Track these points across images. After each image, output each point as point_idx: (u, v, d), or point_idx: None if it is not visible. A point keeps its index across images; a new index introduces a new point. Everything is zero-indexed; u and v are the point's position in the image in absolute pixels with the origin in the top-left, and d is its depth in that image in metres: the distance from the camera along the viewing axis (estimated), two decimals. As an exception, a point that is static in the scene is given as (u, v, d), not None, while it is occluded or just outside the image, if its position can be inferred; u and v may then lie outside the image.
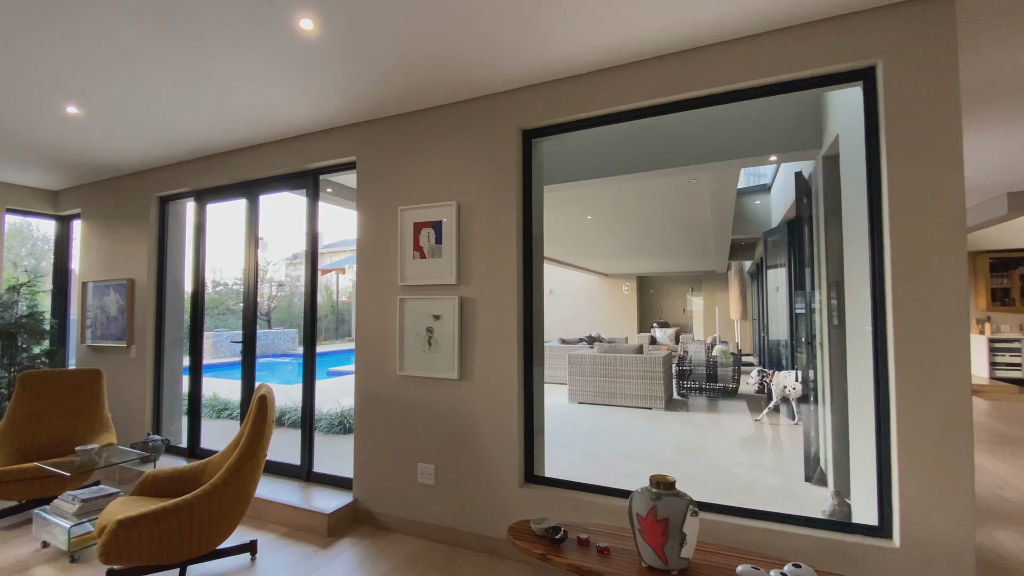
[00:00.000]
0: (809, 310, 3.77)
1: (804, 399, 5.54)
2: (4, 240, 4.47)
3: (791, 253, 5.28)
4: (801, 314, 4.91)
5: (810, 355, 3.73)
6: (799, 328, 4.81)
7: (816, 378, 3.52)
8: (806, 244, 3.80)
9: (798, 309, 4.89)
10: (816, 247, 3.52)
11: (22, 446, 3.13)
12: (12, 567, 2.40)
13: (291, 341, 13.86)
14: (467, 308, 2.70)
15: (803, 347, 3.99)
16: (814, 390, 3.62)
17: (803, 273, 4.04)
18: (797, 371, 6.11)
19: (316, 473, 3.28)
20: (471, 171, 2.72)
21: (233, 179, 3.63)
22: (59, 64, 2.35)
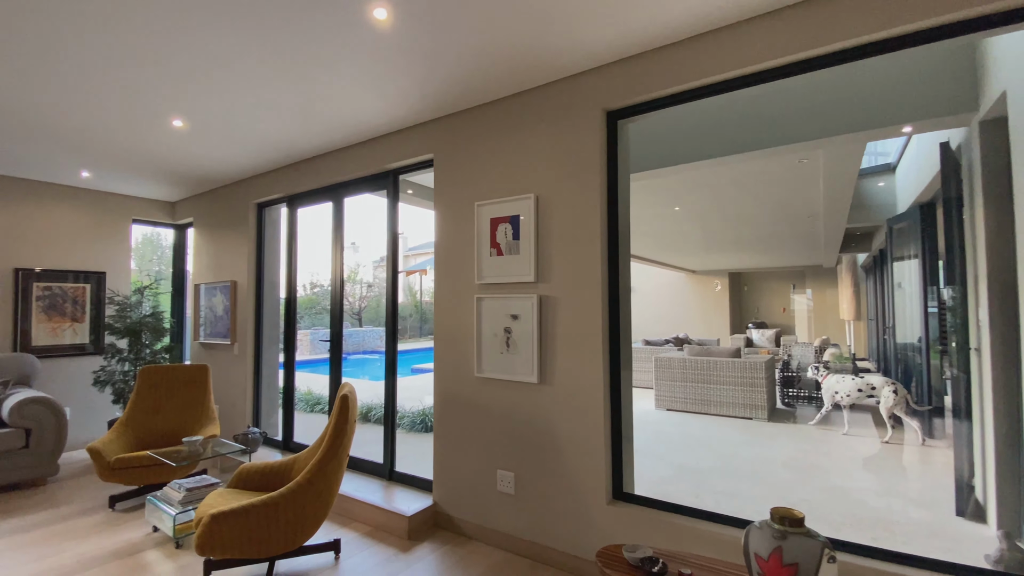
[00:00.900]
0: (953, 308, 3.13)
1: (916, 413, 4.71)
2: (132, 247, 5.02)
3: (924, 242, 4.50)
4: (934, 312, 4.14)
5: (959, 361, 3.10)
6: (937, 329, 4.06)
7: (967, 389, 2.91)
8: (951, 231, 3.17)
9: (931, 307, 4.14)
10: (968, 234, 2.90)
11: (141, 434, 3.44)
12: (125, 549, 2.59)
13: (380, 339, 14.59)
14: (546, 307, 2.51)
15: (945, 352, 3.34)
16: (966, 404, 2.99)
17: (946, 265, 3.38)
18: (886, 377, 5.23)
19: (398, 472, 3.27)
20: (550, 160, 2.53)
21: (319, 183, 3.74)
22: (163, 80, 2.49)
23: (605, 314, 2.38)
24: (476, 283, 2.76)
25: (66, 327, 4.50)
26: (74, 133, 3.22)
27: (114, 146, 3.47)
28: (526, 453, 2.56)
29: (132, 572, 2.36)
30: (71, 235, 4.57)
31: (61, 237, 4.51)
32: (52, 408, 3.56)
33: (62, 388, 4.46)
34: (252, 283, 4.30)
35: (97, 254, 4.74)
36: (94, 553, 2.53)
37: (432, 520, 2.89)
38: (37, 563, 2.42)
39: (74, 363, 4.54)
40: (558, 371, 2.46)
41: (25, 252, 4.31)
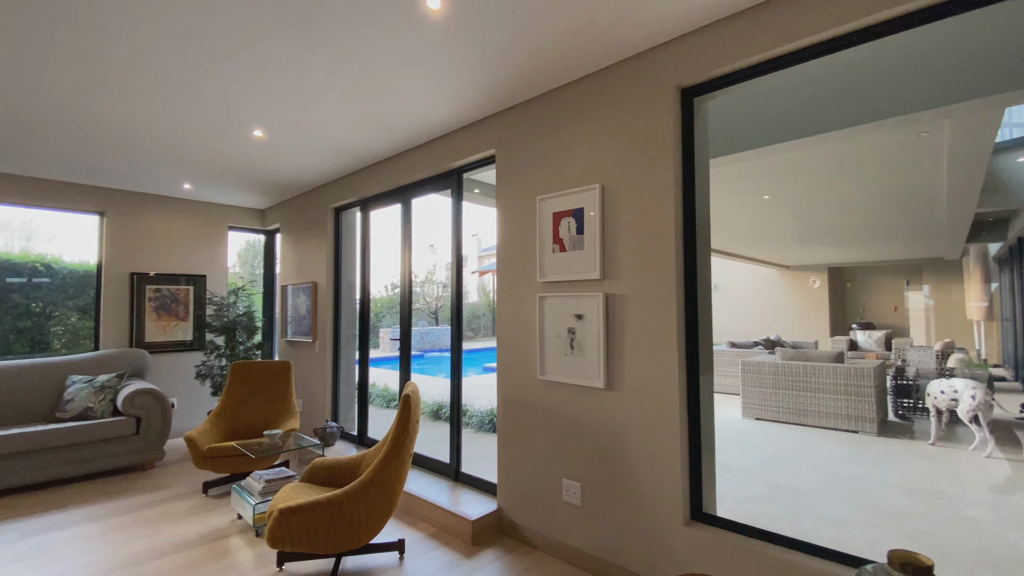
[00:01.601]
0: None
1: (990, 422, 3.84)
2: (237, 252, 5.47)
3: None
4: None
5: None
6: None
7: None
8: None
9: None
10: None
11: (230, 426, 3.68)
12: (212, 534, 2.76)
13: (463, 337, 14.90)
14: (614, 306, 2.31)
15: None
16: None
17: None
18: (972, 380, 4.33)
19: (464, 474, 3.22)
20: (617, 147, 2.33)
21: (388, 186, 3.80)
22: (243, 93, 2.62)
23: (681, 313, 2.14)
24: (538, 281, 2.62)
25: (173, 325, 4.99)
26: (175, 149, 3.52)
27: (207, 159, 3.75)
28: (593, 463, 2.38)
29: (215, 557, 2.50)
30: (176, 242, 5.06)
31: (168, 244, 5.00)
32: (159, 399, 3.94)
33: (169, 381, 4.95)
34: (331, 284, 4.49)
35: (198, 259, 5.20)
36: (185, 537, 2.72)
37: (496, 526, 2.80)
38: (136, 543, 2.65)
39: (180, 358, 5.02)
40: (627, 376, 2.26)
41: (139, 258, 4.82)
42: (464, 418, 5.33)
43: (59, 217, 4.61)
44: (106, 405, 3.89)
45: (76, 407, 3.81)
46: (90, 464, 3.62)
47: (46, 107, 2.79)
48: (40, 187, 4.29)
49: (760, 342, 8.54)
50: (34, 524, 2.88)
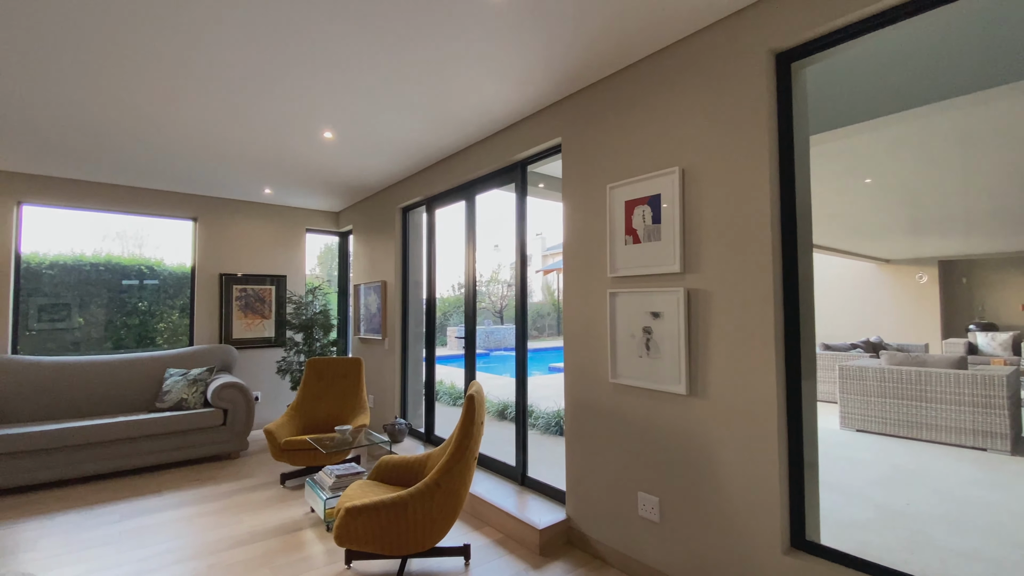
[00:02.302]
0: None
1: None
2: (306, 253, 5.73)
3: None
4: None
5: None
6: None
7: None
8: None
9: None
10: None
11: (306, 420, 3.81)
12: (287, 526, 2.83)
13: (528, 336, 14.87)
14: (697, 302, 2.08)
15: None
16: None
17: None
18: None
19: (530, 478, 3.09)
20: (699, 125, 2.09)
21: (452, 183, 3.76)
22: (312, 94, 2.66)
23: (779, 311, 1.87)
24: (608, 276, 2.43)
25: (257, 323, 5.29)
26: (254, 154, 3.69)
27: (282, 162, 3.91)
28: (673, 476, 2.16)
29: (289, 550, 2.55)
30: (259, 244, 5.36)
31: (252, 246, 5.31)
32: (243, 392, 4.16)
33: (254, 375, 5.25)
34: (399, 282, 4.54)
35: (279, 260, 5.48)
36: (262, 527, 2.82)
37: (565, 536, 2.65)
38: (218, 531, 2.77)
39: (263, 354, 5.32)
40: (713, 381, 2.02)
41: (227, 260, 5.16)
42: (530, 419, 5.21)
43: (160, 223, 5.04)
44: (198, 397, 4.17)
45: (173, 398, 4.12)
46: (183, 452, 3.90)
47: (144, 119, 3.00)
48: (142, 196, 4.70)
49: (859, 344, 7.69)
50: (133, 507, 3.11)
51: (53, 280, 4.58)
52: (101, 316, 4.77)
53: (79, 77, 2.47)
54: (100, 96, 2.69)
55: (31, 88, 2.58)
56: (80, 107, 2.83)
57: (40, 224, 4.43)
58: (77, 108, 2.84)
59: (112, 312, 4.82)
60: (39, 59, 2.30)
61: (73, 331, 4.63)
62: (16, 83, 2.52)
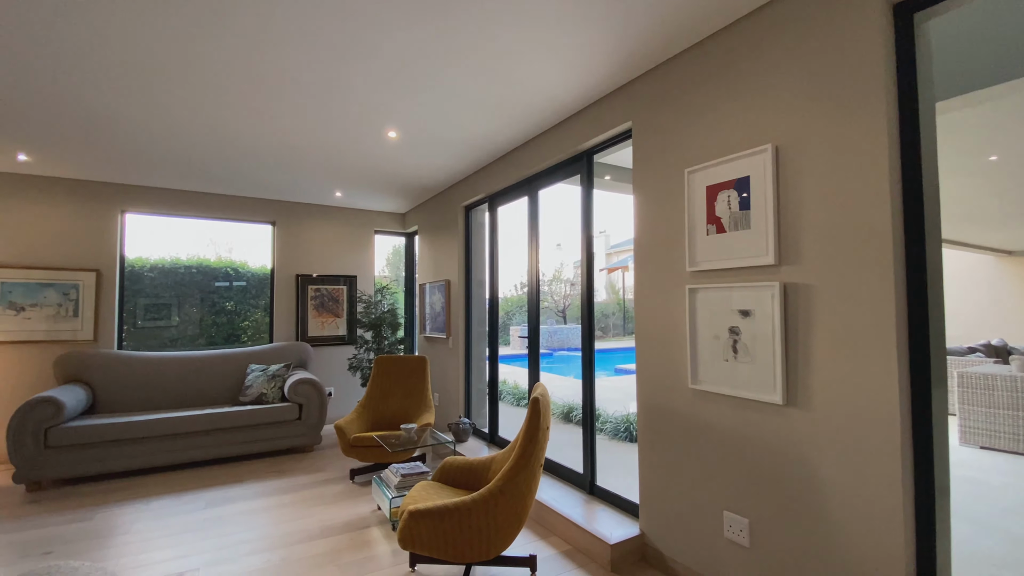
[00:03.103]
0: None
1: None
2: (375, 253, 5.87)
3: None
4: None
5: None
6: None
7: None
8: None
9: None
10: None
11: (374, 416, 3.86)
12: (355, 522, 2.85)
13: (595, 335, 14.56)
14: (795, 299, 1.81)
15: None
16: None
17: None
18: None
19: (599, 487, 2.92)
20: (795, 94, 1.83)
21: (515, 178, 3.66)
22: (375, 93, 2.65)
23: (901, 308, 1.58)
24: (687, 271, 2.21)
25: (330, 321, 5.49)
26: (324, 158, 3.79)
27: (350, 165, 3.99)
28: (766, 497, 1.91)
29: (355, 547, 2.56)
30: (331, 246, 5.56)
31: (325, 248, 5.52)
32: (317, 388, 4.31)
33: (328, 372, 5.45)
34: (462, 281, 4.51)
35: (350, 261, 5.66)
36: (331, 522, 2.85)
37: (639, 552, 2.45)
38: (290, 523, 2.84)
39: (336, 351, 5.51)
40: (817, 389, 1.75)
41: (302, 261, 5.39)
42: (597, 423, 5.00)
43: (243, 228, 5.36)
44: (276, 392, 4.37)
45: (254, 392, 4.35)
46: (263, 444, 4.09)
47: (228, 131, 3.15)
48: (227, 202, 5.02)
49: (978, 348, 6.73)
50: (217, 495, 3.28)
51: (153, 282, 4.99)
52: (194, 315, 5.15)
53: (175, 97, 2.62)
54: (191, 112, 2.85)
55: (134, 108, 2.78)
56: (175, 124, 3.01)
57: (142, 230, 4.85)
58: (173, 124, 3.03)
59: (204, 311, 5.18)
60: (142, 83, 2.45)
61: (171, 328, 5.02)
62: (123, 104, 2.72)
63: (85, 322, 4.31)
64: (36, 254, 4.19)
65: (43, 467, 3.35)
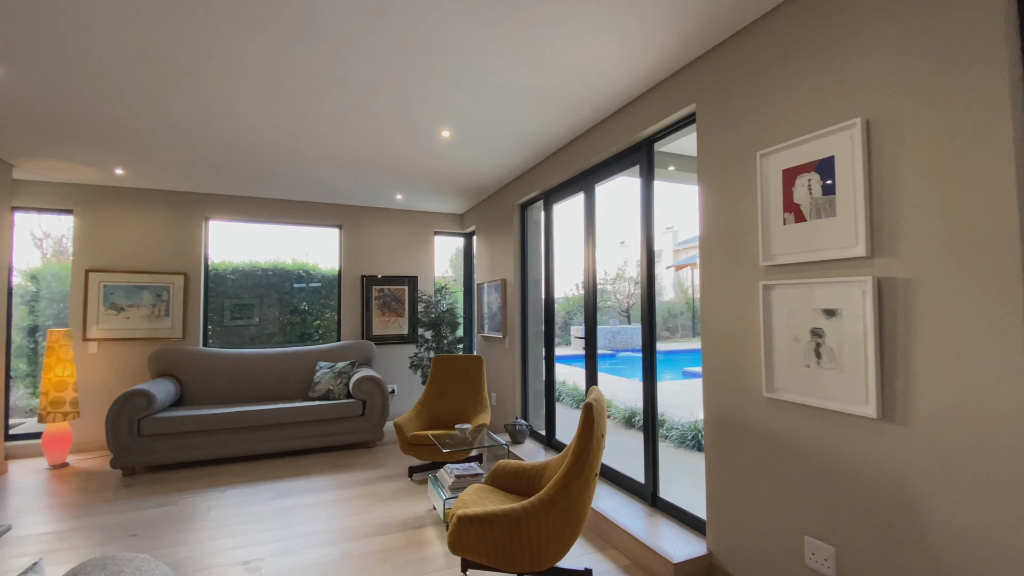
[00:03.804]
0: None
1: None
2: (435, 254, 5.96)
3: None
4: None
5: None
6: None
7: None
8: None
9: None
10: None
11: (432, 415, 3.88)
12: (411, 521, 2.86)
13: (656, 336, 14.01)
14: (892, 295, 1.55)
15: None
16: None
17: None
18: None
19: (661, 499, 2.72)
20: (890, 59, 1.57)
21: (570, 173, 3.52)
22: (428, 90, 2.64)
23: (1033, 306, 1.29)
24: (761, 265, 1.98)
25: (393, 320, 5.63)
26: (383, 161, 3.86)
27: (407, 167, 4.04)
28: (856, 524, 1.65)
29: (410, 547, 2.55)
30: (393, 247, 5.70)
31: (387, 249, 5.67)
32: (379, 385, 4.41)
33: (390, 370, 5.59)
34: (518, 280, 4.44)
35: (411, 262, 5.78)
36: (388, 520, 2.88)
37: (705, 573, 2.24)
38: (349, 519, 2.89)
39: (398, 350, 5.64)
40: (921, 401, 1.49)
41: (366, 263, 5.57)
42: (661, 430, 4.74)
43: (314, 232, 5.62)
44: (342, 388, 4.53)
45: (321, 388, 4.53)
46: (329, 438, 4.25)
47: (297, 139, 3.29)
48: (298, 208, 5.28)
49: None
50: (284, 487, 3.43)
51: (235, 284, 5.36)
52: (271, 314, 5.47)
53: (248, 109, 2.76)
54: (265, 123, 2.99)
55: (213, 123, 2.96)
56: (250, 135, 3.19)
57: (224, 236, 5.23)
58: (248, 136, 3.20)
59: (281, 311, 5.50)
60: (221, 101, 2.60)
61: (251, 327, 5.37)
62: (204, 120, 2.91)
63: (175, 321, 4.71)
64: (133, 259, 4.62)
65: (136, 454, 3.67)
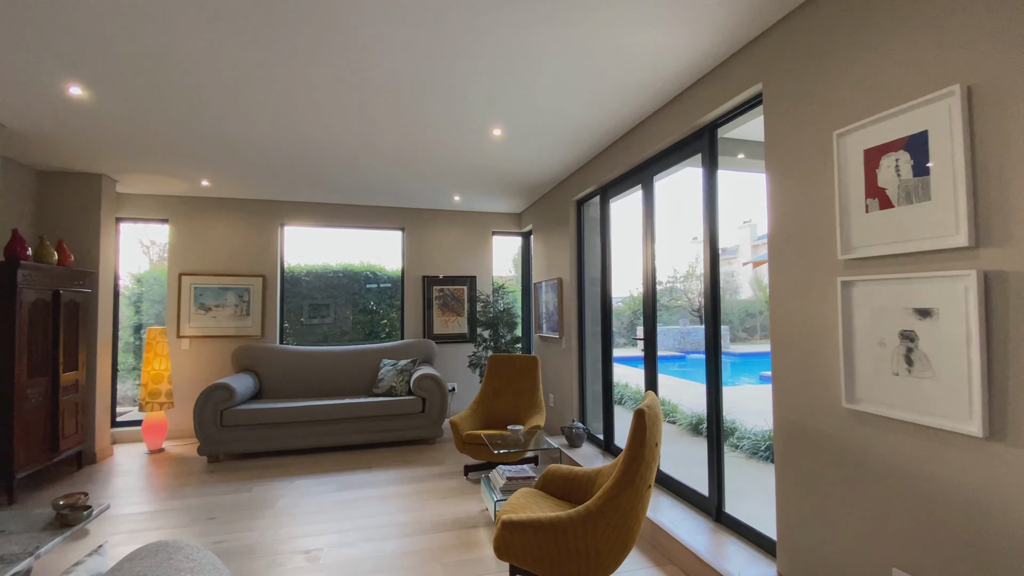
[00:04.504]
0: None
1: None
2: (493, 254, 5.97)
3: None
4: None
5: None
6: None
7: None
8: None
9: None
10: None
11: (487, 415, 3.87)
12: (464, 520, 2.85)
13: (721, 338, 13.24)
14: (1003, 292, 1.30)
15: None
16: None
17: None
18: None
19: (727, 515, 2.52)
20: (994, 13, 1.31)
21: (627, 166, 3.37)
22: (477, 89, 2.62)
23: None
24: (839, 259, 1.75)
25: (452, 320, 5.72)
26: (440, 164, 3.92)
27: (463, 168, 4.07)
28: (960, 558, 1.41)
29: (462, 547, 2.54)
30: (453, 248, 5.78)
31: (446, 250, 5.76)
32: (438, 383, 4.49)
33: (450, 368, 5.68)
34: (574, 279, 4.33)
35: (469, 262, 5.84)
36: (442, 518, 2.90)
37: (777, 601, 2.03)
38: (404, 514, 2.95)
39: (458, 348, 5.72)
40: (1043, 420, 1.23)
41: (427, 263, 5.70)
42: (731, 438, 4.42)
43: (379, 235, 5.84)
44: (403, 385, 4.65)
45: (385, 385, 4.68)
46: (391, 434, 4.38)
47: (363, 145, 3.42)
48: (365, 212, 5.50)
49: None
50: (347, 480, 3.57)
51: (309, 285, 5.69)
52: (343, 314, 5.76)
53: (316, 119, 2.91)
54: (327, 132, 3.13)
55: (287, 135, 3.15)
56: (318, 143, 3.36)
57: (298, 240, 5.56)
58: (316, 144, 3.38)
59: (350, 311, 5.78)
60: (293, 113, 2.76)
61: (324, 326, 5.68)
62: (278, 134, 3.10)
63: (254, 320, 5.07)
64: (219, 263, 5.03)
65: (219, 443, 3.99)
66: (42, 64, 2.35)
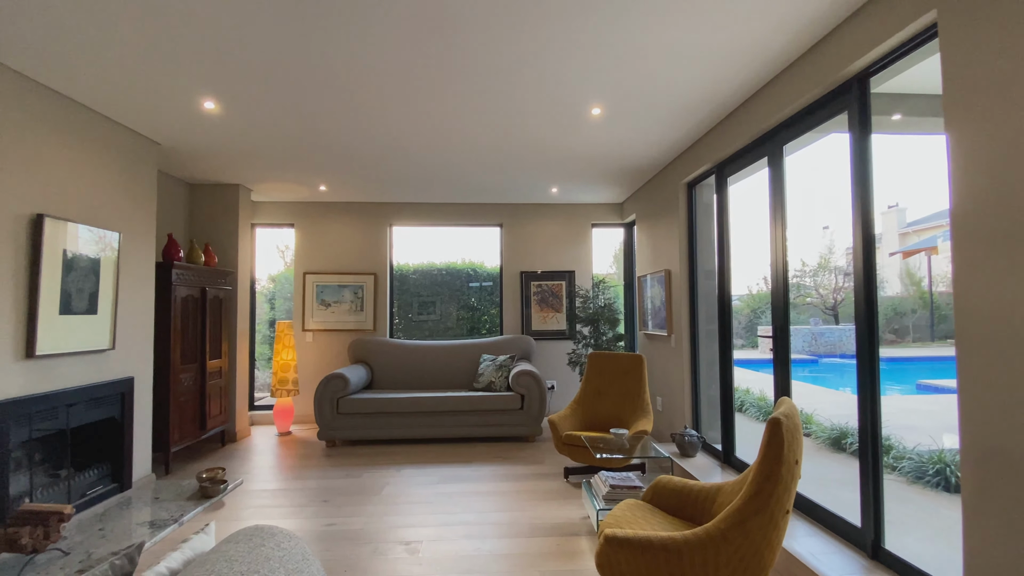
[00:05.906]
0: None
1: None
2: (592, 247, 5.71)
3: None
4: None
5: None
6: None
7: None
8: None
9: None
10: None
11: (587, 415, 3.66)
12: (564, 527, 2.68)
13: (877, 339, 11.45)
14: None
15: None
16: None
17: None
18: None
19: (888, 552, 2.04)
20: None
21: (748, 137, 2.94)
22: (574, 66, 2.44)
23: None
24: (1072, 226, 1.28)
25: (551, 316, 5.57)
26: (537, 152, 3.79)
27: (560, 155, 3.89)
28: None
29: (561, 556, 2.38)
30: (550, 242, 5.63)
31: (544, 245, 5.63)
32: (536, 380, 4.37)
33: (549, 365, 5.54)
34: (684, 271, 3.94)
35: (568, 256, 5.65)
36: (541, 521, 2.75)
37: (969, 675, 1.57)
38: (503, 514, 2.85)
39: (556, 345, 5.55)
40: None
41: (525, 258, 5.61)
42: (886, 458, 3.70)
43: (479, 232, 5.90)
44: (502, 381, 4.61)
45: (484, 380, 4.68)
46: (489, 429, 4.35)
47: (459, 140, 3.43)
48: (465, 210, 5.58)
49: None
50: (448, 472, 3.58)
51: (416, 283, 5.92)
52: (446, 310, 5.92)
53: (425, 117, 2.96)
54: (437, 130, 3.18)
55: (395, 138, 3.26)
56: (427, 139, 3.43)
57: (405, 240, 5.81)
58: (426, 140, 3.46)
59: (454, 307, 5.93)
60: (399, 117, 2.84)
61: (430, 322, 5.88)
62: (389, 138, 3.22)
63: (367, 315, 5.38)
64: (336, 262, 5.42)
65: (336, 429, 4.25)
66: (178, 78, 2.62)
